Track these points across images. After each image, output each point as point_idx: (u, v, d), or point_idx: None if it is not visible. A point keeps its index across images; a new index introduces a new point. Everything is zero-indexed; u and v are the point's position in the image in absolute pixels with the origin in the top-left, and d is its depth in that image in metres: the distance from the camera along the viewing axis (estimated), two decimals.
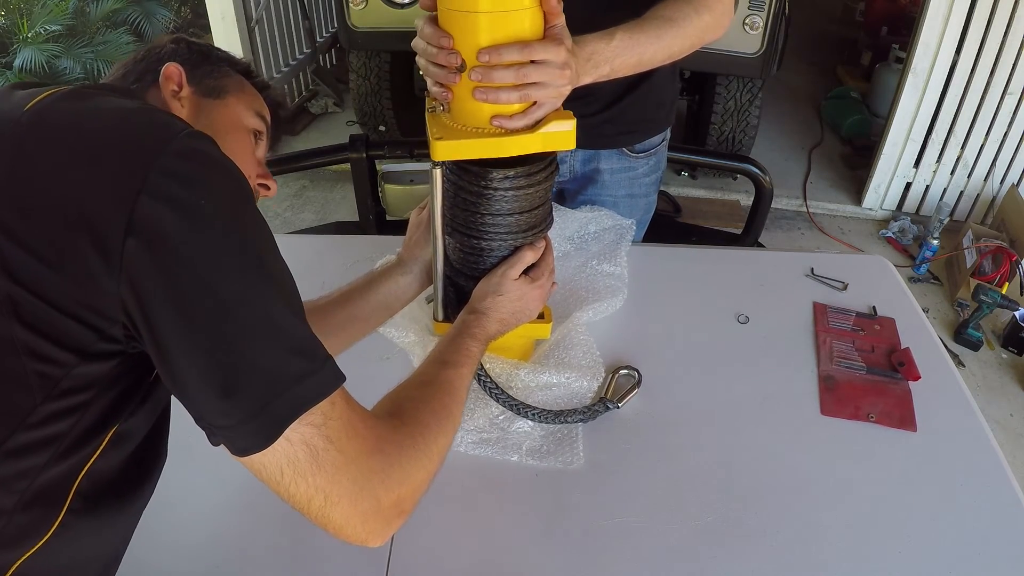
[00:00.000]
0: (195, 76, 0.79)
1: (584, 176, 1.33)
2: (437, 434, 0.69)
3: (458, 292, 0.97)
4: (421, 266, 1.01)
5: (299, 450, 0.57)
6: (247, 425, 0.55)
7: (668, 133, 1.38)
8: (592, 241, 1.29)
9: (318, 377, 0.58)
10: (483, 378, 0.92)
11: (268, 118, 0.87)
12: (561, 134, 0.83)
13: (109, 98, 0.64)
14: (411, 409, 0.71)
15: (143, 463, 0.65)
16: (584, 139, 0.87)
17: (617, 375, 1.04)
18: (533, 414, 0.95)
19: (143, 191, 0.52)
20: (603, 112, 1.24)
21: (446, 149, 0.82)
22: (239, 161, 0.72)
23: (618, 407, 0.99)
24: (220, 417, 0.55)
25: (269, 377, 0.55)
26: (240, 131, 0.82)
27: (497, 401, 0.94)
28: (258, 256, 0.57)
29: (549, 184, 0.91)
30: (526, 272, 0.93)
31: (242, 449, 0.56)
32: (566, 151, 0.95)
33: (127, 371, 0.58)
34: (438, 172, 0.86)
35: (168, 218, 0.53)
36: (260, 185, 0.86)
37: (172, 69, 0.77)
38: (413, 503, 0.65)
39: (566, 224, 1.28)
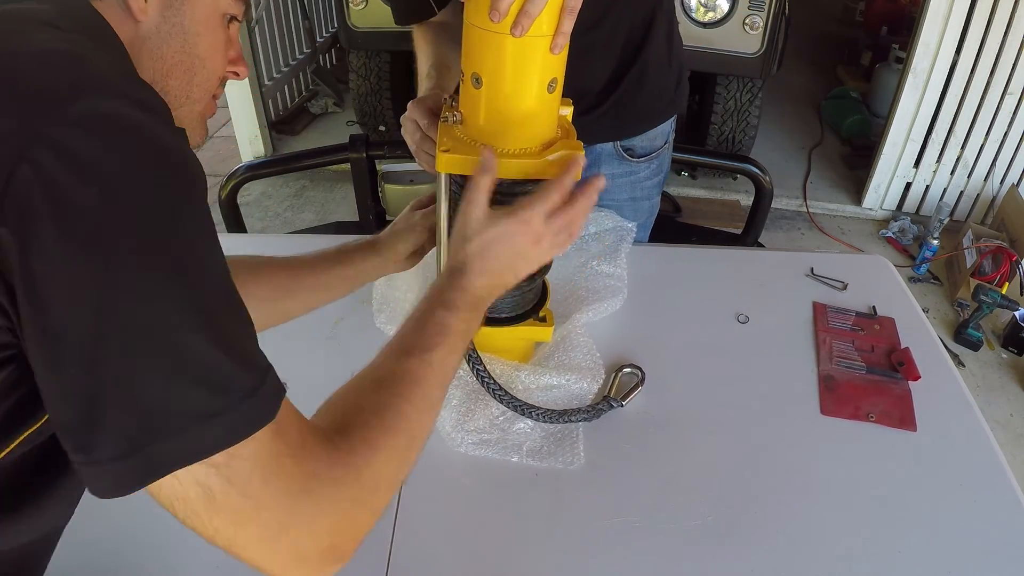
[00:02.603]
0: None
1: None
2: (390, 457, 0.57)
3: None
4: (393, 256, 0.99)
5: (189, 490, 0.46)
6: (112, 466, 0.44)
7: (672, 135, 1.36)
8: (592, 242, 1.29)
9: (229, 418, 0.46)
10: (485, 378, 0.92)
11: None
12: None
13: (33, 36, 0.50)
14: (359, 424, 0.57)
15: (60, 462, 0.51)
16: (583, 138, 0.87)
17: (620, 373, 1.04)
18: (537, 414, 0.95)
19: (20, 162, 0.42)
20: (597, 108, 1.23)
21: (450, 163, 0.82)
22: (209, 62, 0.65)
23: (622, 405, 0.99)
24: (78, 451, 0.44)
25: (150, 412, 0.44)
26: (214, 24, 0.66)
27: (500, 401, 0.94)
28: (168, 255, 0.45)
29: None
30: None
31: (100, 491, 0.45)
32: None
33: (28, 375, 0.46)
34: (444, 177, 0.86)
35: (45, 199, 0.42)
36: (230, 72, 0.72)
37: None
38: (355, 545, 0.54)
39: None
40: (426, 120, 0.94)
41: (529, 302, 1.01)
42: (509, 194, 0.82)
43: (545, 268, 0.98)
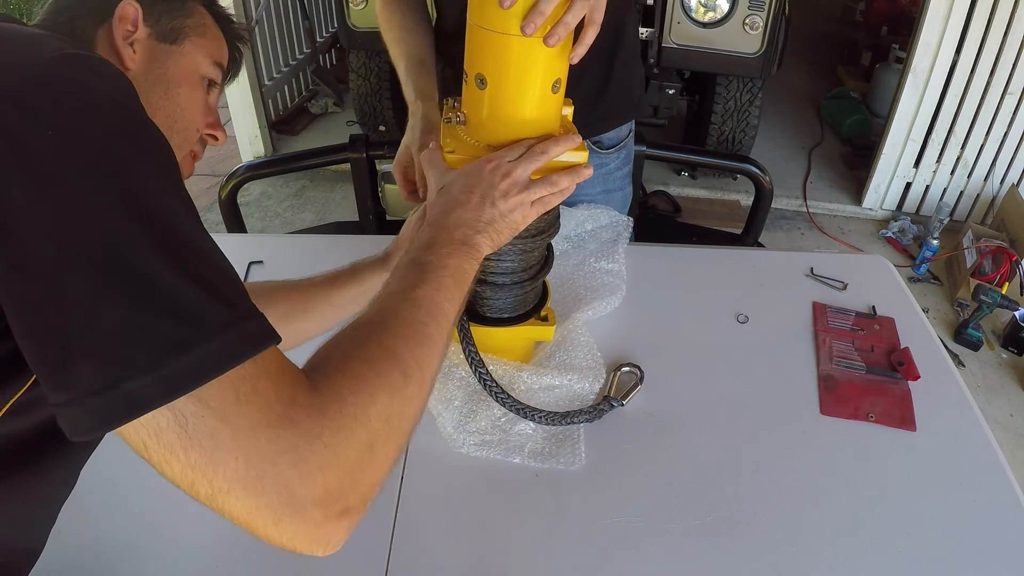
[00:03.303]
0: (152, 14, 0.69)
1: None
2: (379, 390, 0.52)
3: None
4: None
5: (160, 418, 0.44)
6: (90, 402, 0.43)
7: (633, 125, 1.41)
8: (589, 239, 1.29)
9: (205, 349, 0.44)
10: (487, 380, 0.92)
11: (226, 65, 0.80)
12: (572, 164, 0.82)
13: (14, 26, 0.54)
14: (337, 357, 0.54)
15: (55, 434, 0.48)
16: None
17: (619, 373, 1.04)
18: (538, 416, 0.95)
19: None
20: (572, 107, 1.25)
21: (455, 164, 0.82)
22: (188, 113, 0.69)
23: (622, 405, 0.99)
24: (55, 391, 0.43)
25: (120, 345, 0.42)
26: (193, 83, 0.72)
27: (502, 404, 0.94)
28: (127, 193, 0.45)
29: None
30: None
31: (81, 429, 0.44)
32: None
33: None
34: None
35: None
36: (208, 135, 0.77)
37: (128, 9, 0.67)
38: (359, 496, 0.49)
39: (564, 223, 1.28)
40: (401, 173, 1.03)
41: (530, 302, 1.01)
42: None
43: (546, 267, 0.99)
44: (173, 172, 0.49)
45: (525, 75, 0.77)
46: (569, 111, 0.89)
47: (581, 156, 0.82)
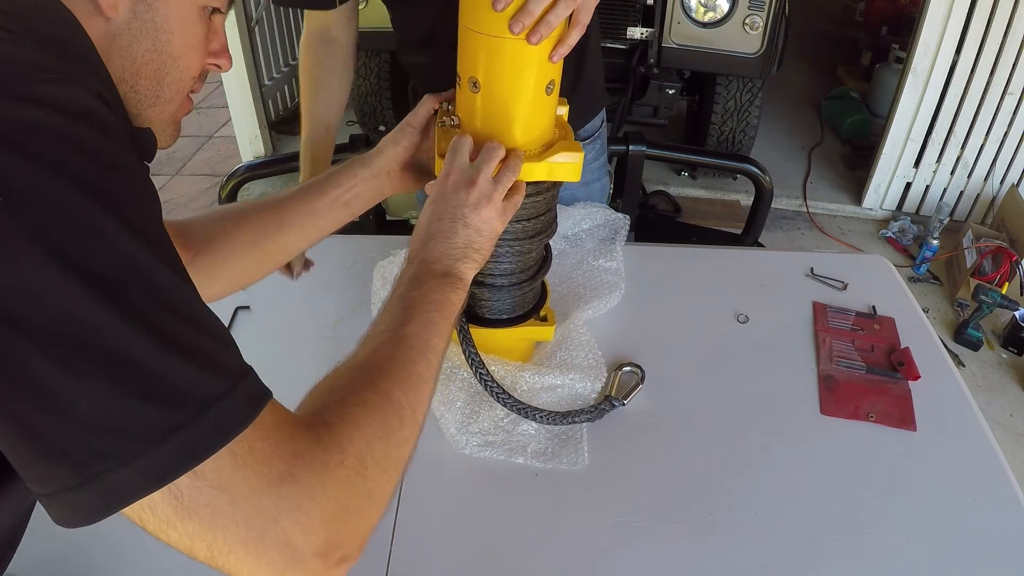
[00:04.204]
0: None
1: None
2: (376, 435, 0.52)
3: None
4: (385, 164, 0.90)
5: (154, 495, 0.41)
6: (69, 497, 0.40)
7: (604, 114, 1.42)
8: (587, 237, 1.30)
9: (192, 432, 0.41)
10: (488, 382, 0.92)
11: None
12: (568, 165, 0.83)
13: None
14: (335, 403, 0.53)
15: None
16: None
17: (620, 372, 1.04)
18: (540, 416, 0.95)
19: None
20: None
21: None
22: (182, 61, 0.60)
23: (623, 404, 0.99)
24: (34, 483, 0.41)
25: (97, 435, 0.39)
26: (189, 21, 0.61)
27: (503, 405, 0.94)
28: (97, 259, 0.40)
29: (554, 192, 0.91)
30: None
31: (63, 522, 0.42)
32: None
33: None
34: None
35: None
36: (212, 65, 0.68)
37: None
38: (357, 543, 0.49)
39: (561, 222, 1.28)
40: None
41: (529, 302, 1.01)
42: None
43: (544, 268, 0.99)
44: (141, 217, 0.44)
45: (518, 77, 0.77)
46: (564, 111, 0.89)
47: (576, 157, 0.82)
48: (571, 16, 0.74)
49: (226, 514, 0.42)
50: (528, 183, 0.84)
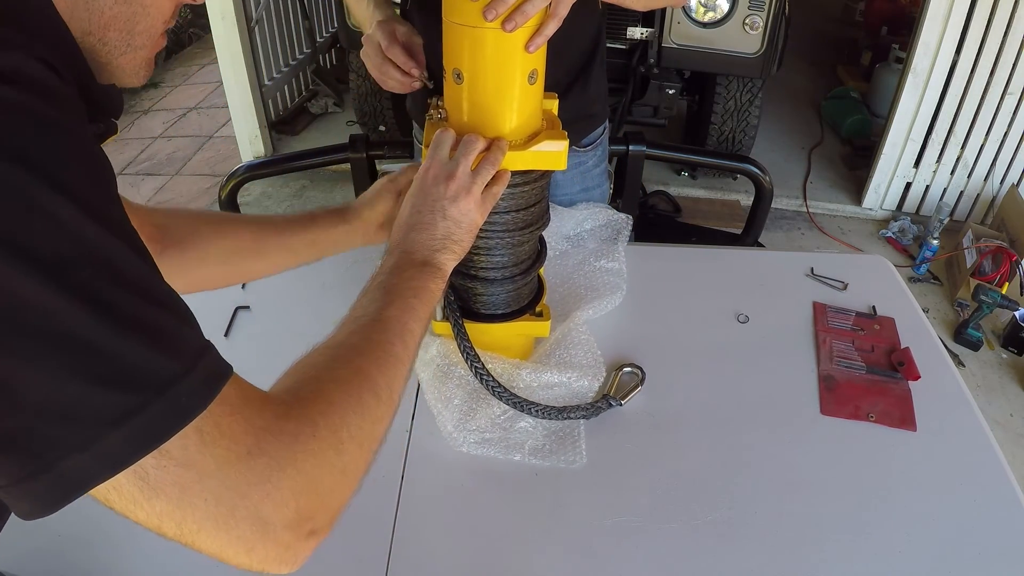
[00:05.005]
0: None
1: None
2: (350, 411, 0.52)
3: (456, 291, 0.97)
4: (360, 225, 0.95)
5: (119, 476, 0.40)
6: (25, 487, 0.39)
7: (607, 123, 1.43)
8: (589, 238, 1.30)
9: (150, 415, 0.40)
10: (482, 374, 0.93)
11: None
12: (553, 153, 0.84)
13: None
14: (309, 379, 0.53)
15: None
16: None
17: (620, 373, 1.04)
18: (536, 411, 0.95)
19: None
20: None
21: None
22: (153, 9, 0.55)
23: (621, 404, 0.99)
24: None
25: (50, 422, 0.38)
26: None
27: (498, 398, 0.94)
28: (42, 235, 0.38)
29: (544, 182, 0.91)
30: None
31: (23, 513, 0.41)
32: None
33: None
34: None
35: None
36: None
37: None
38: (329, 516, 0.49)
39: (563, 222, 1.28)
40: (386, 41, 0.99)
41: (525, 297, 1.01)
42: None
43: (538, 261, 0.99)
44: (86, 188, 0.41)
45: (498, 66, 0.79)
46: (554, 104, 0.90)
47: (561, 145, 0.83)
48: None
49: (194, 491, 0.42)
50: (516, 172, 0.85)
